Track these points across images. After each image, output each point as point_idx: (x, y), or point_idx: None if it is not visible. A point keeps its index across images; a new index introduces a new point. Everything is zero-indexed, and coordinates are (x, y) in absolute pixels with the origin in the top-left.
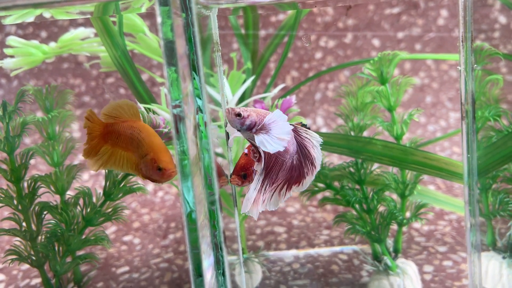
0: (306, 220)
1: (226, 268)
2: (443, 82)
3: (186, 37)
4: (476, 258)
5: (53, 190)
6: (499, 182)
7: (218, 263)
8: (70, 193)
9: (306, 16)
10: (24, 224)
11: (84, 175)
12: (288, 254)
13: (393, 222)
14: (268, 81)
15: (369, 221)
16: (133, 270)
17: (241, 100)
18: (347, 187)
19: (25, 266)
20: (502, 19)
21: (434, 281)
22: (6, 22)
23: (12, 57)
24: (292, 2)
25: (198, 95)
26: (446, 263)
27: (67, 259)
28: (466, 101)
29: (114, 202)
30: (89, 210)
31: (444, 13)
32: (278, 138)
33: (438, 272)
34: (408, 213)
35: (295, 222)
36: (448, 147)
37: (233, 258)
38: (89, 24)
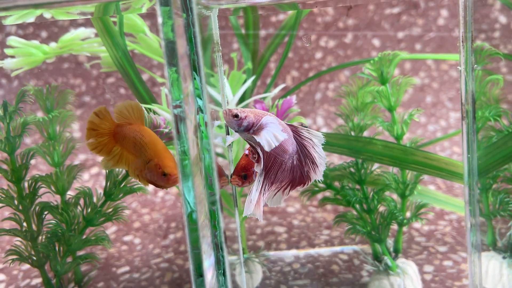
0: (307, 220)
1: (226, 268)
2: (443, 82)
3: (187, 37)
4: (476, 258)
5: (53, 190)
6: (500, 182)
7: (219, 263)
8: (70, 193)
9: (306, 16)
10: (24, 224)
11: (84, 175)
12: (288, 254)
13: (393, 222)
14: (268, 81)
15: (369, 221)
16: (133, 270)
17: (241, 100)
18: (348, 187)
19: (25, 266)
20: (502, 19)
21: (434, 281)
22: (7, 23)
23: (12, 57)
24: (292, 2)
25: (199, 95)
26: (447, 263)
27: (68, 259)
28: (466, 101)
29: (115, 202)
30: (89, 210)
31: (444, 13)
32: (275, 134)
33: (438, 272)
34: (408, 213)
35: (296, 222)
36: (448, 147)
37: (233, 258)
38: (89, 24)
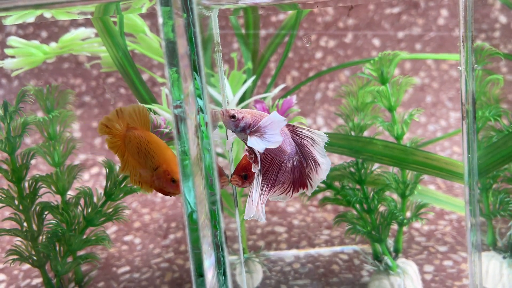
0: (307, 220)
1: (227, 268)
2: (444, 82)
3: (187, 37)
4: (476, 258)
5: (54, 190)
6: (500, 182)
7: (219, 263)
8: (71, 193)
9: (306, 16)
10: (25, 224)
11: (84, 175)
12: (288, 254)
13: (393, 222)
14: (268, 81)
15: (369, 221)
16: (134, 270)
17: (241, 100)
18: (348, 187)
19: (26, 266)
20: (503, 19)
21: (434, 281)
22: (7, 23)
23: (13, 57)
24: (292, 2)
25: (199, 95)
26: (447, 263)
27: (68, 259)
28: (466, 101)
29: (115, 202)
30: (90, 210)
31: (444, 12)
32: (269, 139)
33: (438, 272)
34: (408, 213)
35: (296, 222)
36: (448, 147)
37: (234, 258)
38: (89, 24)
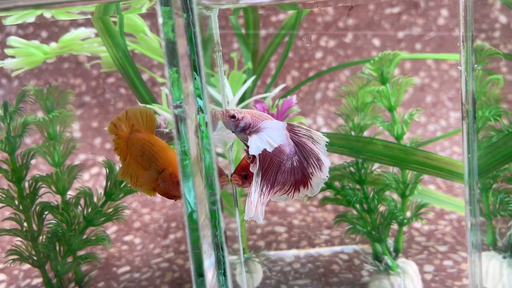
0: (307, 220)
1: (227, 268)
2: (444, 81)
3: (187, 37)
4: (476, 257)
5: (54, 190)
6: (500, 181)
7: (219, 263)
8: (71, 193)
9: (306, 15)
10: (25, 224)
11: (85, 175)
12: (288, 254)
13: (393, 222)
14: (268, 81)
15: (369, 221)
16: (134, 270)
17: (241, 100)
18: (348, 187)
19: (26, 266)
20: (503, 19)
21: (434, 280)
22: (7, 22)
23: (13, 57)
24: (292, 2)
25: (199, 95)
26: (447, 263)
27: (68, 259)
28: (466, 101)
29: (115, 202)
30: (90, 210)
31: (444, 12)
32: (268, 139)
33: (438, 271)
34: (408, 213)
35: (296, 222)
36: (448, 147)
37: (234, 258)
38: (89, 24)
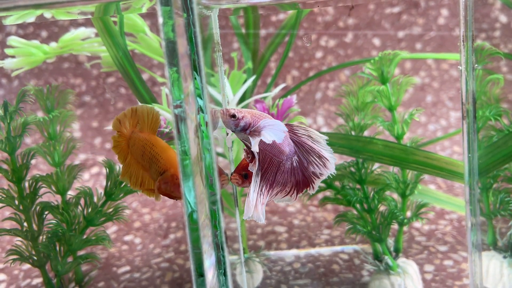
0: (307, 219)
1: (227, 267)
2: (444, 81)
3: (187, 37)
4: (477, 257)
5: (54, 190)
6: (500, 181)
7: (220, 263)
8: (71, 193)
9: (306, 15)
10: (25, 224)
11: (85, 175)
12: (289, 253)
13: (394, 221)
14: (268, 80)
15: (370, 220)
16: (134, 270)
17: (241, 100)
18: (348, 187)
19: (26, 266)
20: (503, 19)
21: (435, 280)
22: (7, 22)
23: (13, 57)
24: (292, 2)
25: (199, 95)
26: (447, 263)
27: (69, 259)
28: (467, 100)
29: (115, 202)
30: (90, 210)
31: (444, 12)
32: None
33: (439, 271)
34: (408, 212)
35: (296, 222)
36: (448, 147)
37: (234, 257)
38: (90, 24)
